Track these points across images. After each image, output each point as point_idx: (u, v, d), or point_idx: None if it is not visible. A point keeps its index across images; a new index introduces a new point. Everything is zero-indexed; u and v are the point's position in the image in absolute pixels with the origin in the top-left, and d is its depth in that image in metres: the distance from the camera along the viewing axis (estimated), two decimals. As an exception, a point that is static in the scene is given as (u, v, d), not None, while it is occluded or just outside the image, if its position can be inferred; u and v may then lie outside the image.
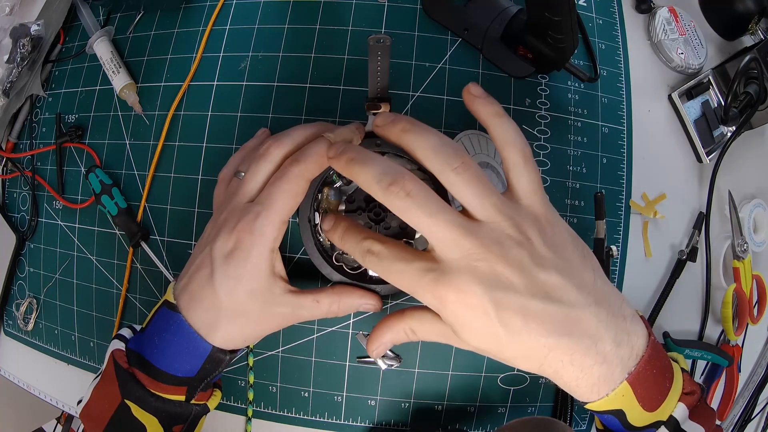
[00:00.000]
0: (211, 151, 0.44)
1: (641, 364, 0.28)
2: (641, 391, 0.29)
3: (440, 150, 0.28)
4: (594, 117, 0.45)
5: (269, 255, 0.31)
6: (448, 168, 0.28)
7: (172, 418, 0.33)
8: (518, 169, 0.30)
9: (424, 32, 0.44)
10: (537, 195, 0.30)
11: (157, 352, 0.32)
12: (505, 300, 0.27)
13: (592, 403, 0.29)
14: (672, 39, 0.47)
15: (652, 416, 0.29)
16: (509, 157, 0.30)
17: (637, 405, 0.29)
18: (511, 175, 0.30)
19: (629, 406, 0.29)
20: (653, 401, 0.29)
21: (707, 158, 0.47)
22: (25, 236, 0.52)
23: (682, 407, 0.30)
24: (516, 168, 0.30)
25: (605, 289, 0.29)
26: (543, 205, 0.30)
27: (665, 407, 0.29)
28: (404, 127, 0.29)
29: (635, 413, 0.29)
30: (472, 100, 0.31)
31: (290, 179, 0.31)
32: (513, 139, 0.30)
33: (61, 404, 0.51)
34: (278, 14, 0.46)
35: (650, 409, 0.29)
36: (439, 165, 0.28)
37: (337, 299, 0.33)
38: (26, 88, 0.52)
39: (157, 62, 0.48)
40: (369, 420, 0.42)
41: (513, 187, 0.30)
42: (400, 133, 0.29)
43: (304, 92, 0.43)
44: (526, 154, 0.30)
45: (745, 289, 0.47)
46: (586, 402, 0.30)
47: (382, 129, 0.31)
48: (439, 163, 0.28)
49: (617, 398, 0.28)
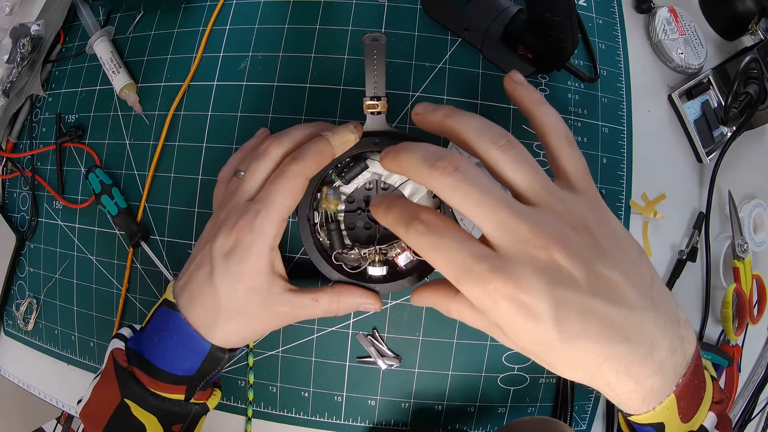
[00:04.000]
0: (211, 151, 0.44)
1: (687, 376, 0.27)
2: (684, 403, 0.27)
3: (485, 130, 0.27)
4: (594, 117, 0.45)
5: (269, 253, 0.31)
6: (493, 146, 0.26)
7: (171, 417, 0.33)
8: (564, 154, 0.28)
9: (424, 32, 0.44)
10: (588, 181, 0.28)
11: (157, 350, 0.32)
12: (566, 297, 0.23)
13: (638, 416, 0.28)
14: (672, 39, 0.47)
15: (686, 427, 0.28)
16: (555, 142, 0.29)
17: (677, 417, 0.27)
18: (558, 161, 0.28)
19: (670, 419, 0.28)
20: (691, 412, 0.28)
21: (707, 158, 0.47)
22: (25, 236, 0.52)
23: (712, 416, 0.29)
24: (561, 153, 0.28)
25: (662, 291, 0.27)
26: (595, 193, 0.28)
27: (698, 417, 0.28)
28: (447, 112, 0.28)
29: (673, 425, 0.28)
30: (514, 87, 0.30)
31: (289, 177, 0.31)
32: (556, 125, 0.29)
33: (61, 404, 0.51)
34: (278, 14, 0.46)
35: (686, 420, 0.28)
36: (484, 143, 0.26)
37: (336, 298, 0.33)
38: (26, 88, 0.52)
39: (157, 62, 0.48)
40: (369, 420, 0.42)
41: (562, 172, 0.28)
42: (443, 118, 0.28)
43: (304, 92, 0.43)
44: (570, 139, 0.29)
45: (745, 289, 0.47)
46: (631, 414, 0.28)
47: (422, 116, 0.30)
48: (485, 142, 0.26)
49: (663, 411, 0.27)
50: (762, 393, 0.51)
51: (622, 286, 0.25)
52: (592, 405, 0.44)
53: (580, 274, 0.24)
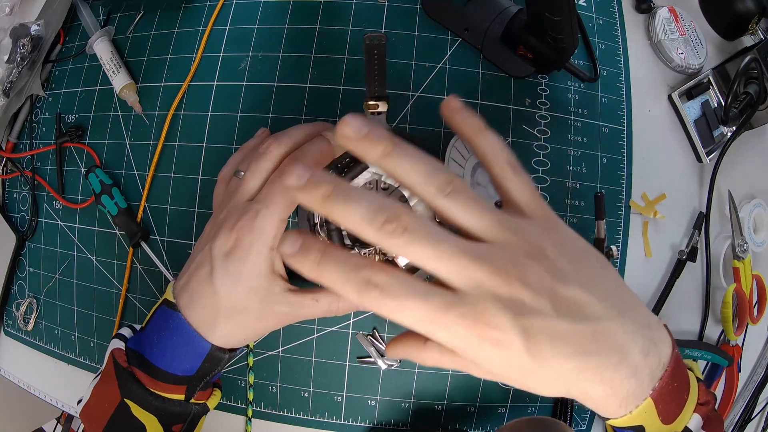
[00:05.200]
0: (211, 151, 0.44)
1: (665, 379, 0.27)
2: (662, 407, 0.28)
3: (430, 177, 0.25)
4: (594, 117, 0.45)
5: (269, 253, 0.31)
6: (440, 194, 0.25)
7: (171, 418, 0.33)
8: (509, 180, 0.28)
9: (424, 32, 0.44)
10: (537, 202, 0.28)
11: (157, 350, 0.32)
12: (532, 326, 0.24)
13: (615, 420, 0.28)
14: (672, 39, 0.47)
15: (668, 429, 0.29)
16: (498, 171, 0.28)
17: (657, 419, 0.28)
18: (504, 188, 0.28)
19: (650, 422, 0.28)
20: (672, 414, 0.28)
21: (707, 158, 0.47)
22: (25, 236, 0.52)
23: (697, 418, 0.29)
24: (506, 180, 0.28)
25: (627, 297, 0.28)
26: (547, 212, 0.28)
27: (681, 419, 0.29)
28: (386, 149, 0.24)
29: (654, 427, 0.28)
30: (453, 113, 0.28)
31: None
32: (497, 153, 0.28)
33: (61, 404, 0.51)
34: (278, 14, 0.46)
35: (668, 422, 0.28)
36: (430, 193, 0.25)
37: (336, 298, 0.33)
38: (26, 88, 0.52)
39: (157, 62, 0.48)
40: (369, 420, 0.42)
41: (511, 200, 0.28)
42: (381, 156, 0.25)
43: (304, 92, 0.43)
44: (513, 165, 0.28)
45: (745, 289, 0.47)
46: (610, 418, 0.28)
47: (354, 144, 0.24)
48: (431, 191, 0.25)
49: (640, 415, 0.27)
50: (762, 393, 0.51)
51: (585, 301, 0.25)
52: (592, 405, 0.44)
53: (542, 300, 0.24)
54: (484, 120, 0.28)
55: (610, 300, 0.26)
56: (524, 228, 0.26)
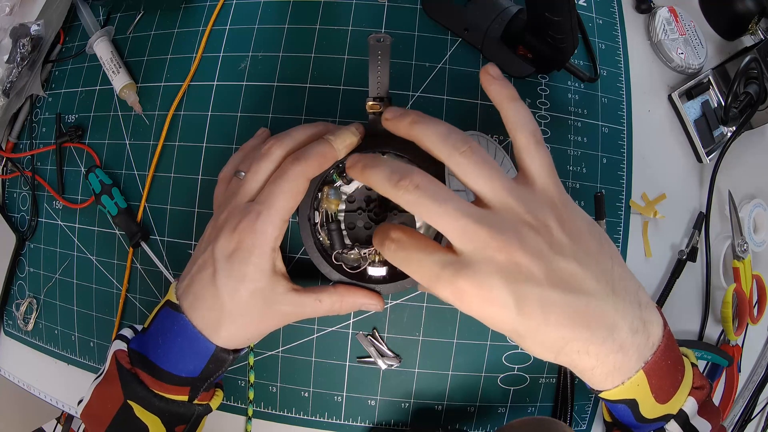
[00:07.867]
0: (211, 151, 0.44)
1: (657, 354, 0.28)
2: (656, 381, 0.28)
3: (448, 137, 0.28)
4: (594, 117, 0.45)
5: (271, 254, 0.31)
6: (455, 152, 0.27)
7: (175, 419, 0.33)
8: (530, 152, 0.29)
9: (424, 32, 0.44)
10: (551, 178, 0.29)
11: (161, 352, 0.32)
12: (525, 292, 0.26)
13: (607, 392, 0.29)
14: (672, 39, 0.47)
15: (663, 408, 0.29)
16: (520, 139, 0.29)
17: (651, 396, 0.29)
18: (522, 158, 0.29)
19: (643, 396, 0.29)
20: (666, 393, 0.29)
21: (707, 158, 0.47)
22: (25, 236, 0.52)
23: (692, 401, 0.30)
24: (527, 150, 0.29)
25: (623, 276, 0.29)
26: (557, 189, 0.29)
27: (676, 400, 0.30)
28: (413, 119, 0.29)
29: (648, 404, 0.29)
30: (490, 81, 0.30)
31: (291, 178, 0.31)
32: (525, 122, 0.29)
33: (61, 404, 0.51)
34: (278, 14, 0.46)
35: (662, 401, 0.29)
36: (447, 150, 0.28)
37: (339, 298, 0.33)
38: (26, 88, 0.52)
39: (157, 62, 0.48)
40: (369, 420, 0.42)
41: (525, 170, 0.29)
42: (409, 125, 0.29)
43: (304, 92, 0.43)
44: (538, 137, 0.29)
45: (745, 289, 0.47)
46: (600, 390, 0.29)
47: (391, 122, 0.30)
48: (447, 148, 0.28)
49: (632, 387, 0.28)
50: (762, 393, 0.51)
51: (580, 276, 0.27)
52: (592, 405, 0.44)
53: (538, 269, 0.26)
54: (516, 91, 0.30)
55: (605, 278, 0.28)
56: (531, 199, 0.28)
